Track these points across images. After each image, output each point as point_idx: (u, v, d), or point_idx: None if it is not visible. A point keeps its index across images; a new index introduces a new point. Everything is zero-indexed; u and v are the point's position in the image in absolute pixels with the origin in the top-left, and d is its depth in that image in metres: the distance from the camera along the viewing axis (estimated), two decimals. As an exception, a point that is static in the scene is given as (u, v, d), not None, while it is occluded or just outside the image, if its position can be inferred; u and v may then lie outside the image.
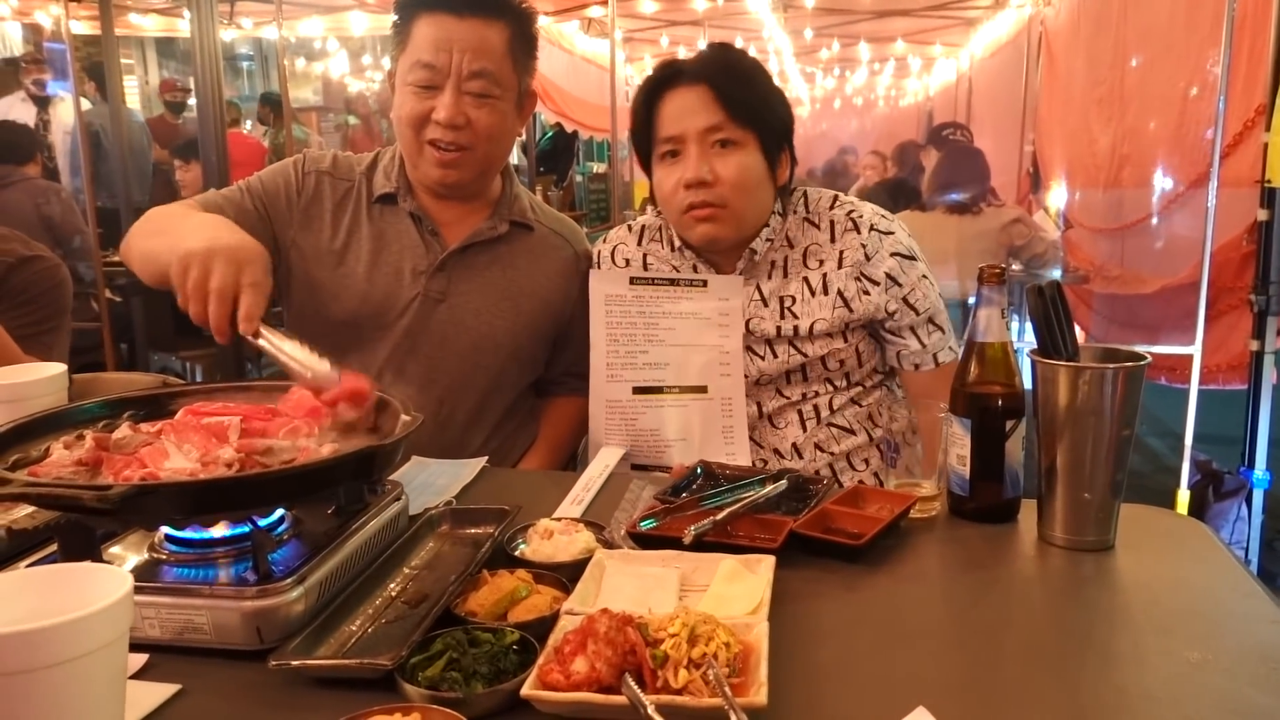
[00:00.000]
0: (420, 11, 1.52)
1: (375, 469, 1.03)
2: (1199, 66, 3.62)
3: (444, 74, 1.51)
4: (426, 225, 1.62)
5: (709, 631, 0.83)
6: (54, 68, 6.35)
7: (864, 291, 1.54)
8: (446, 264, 1.61)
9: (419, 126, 1.54)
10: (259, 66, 12.10)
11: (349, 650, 0.90)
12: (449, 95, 1.51)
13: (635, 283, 1.56)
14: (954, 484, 1.21)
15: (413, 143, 1.56)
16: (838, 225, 1.57)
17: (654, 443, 1.56)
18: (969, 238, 4.01)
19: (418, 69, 1.51)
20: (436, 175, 1.58)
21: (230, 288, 1.18)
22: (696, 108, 1.50)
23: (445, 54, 1.50)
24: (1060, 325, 1.14)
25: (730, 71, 1.52)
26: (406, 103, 1.54)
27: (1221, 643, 0.91)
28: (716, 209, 1.51)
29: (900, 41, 8.97)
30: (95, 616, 0.66)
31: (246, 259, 1.21)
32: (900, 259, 1.54)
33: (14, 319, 1.83)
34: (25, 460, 1.02)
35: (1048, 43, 5.72)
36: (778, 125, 1.54)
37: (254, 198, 1.60)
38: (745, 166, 1.51)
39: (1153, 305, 4.03)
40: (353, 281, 1.60)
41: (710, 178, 1.50)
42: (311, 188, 1.63)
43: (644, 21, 7.74)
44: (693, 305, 1.55)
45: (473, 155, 1.56)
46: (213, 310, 1.17)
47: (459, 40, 1.50)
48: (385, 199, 1.63)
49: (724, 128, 1.50)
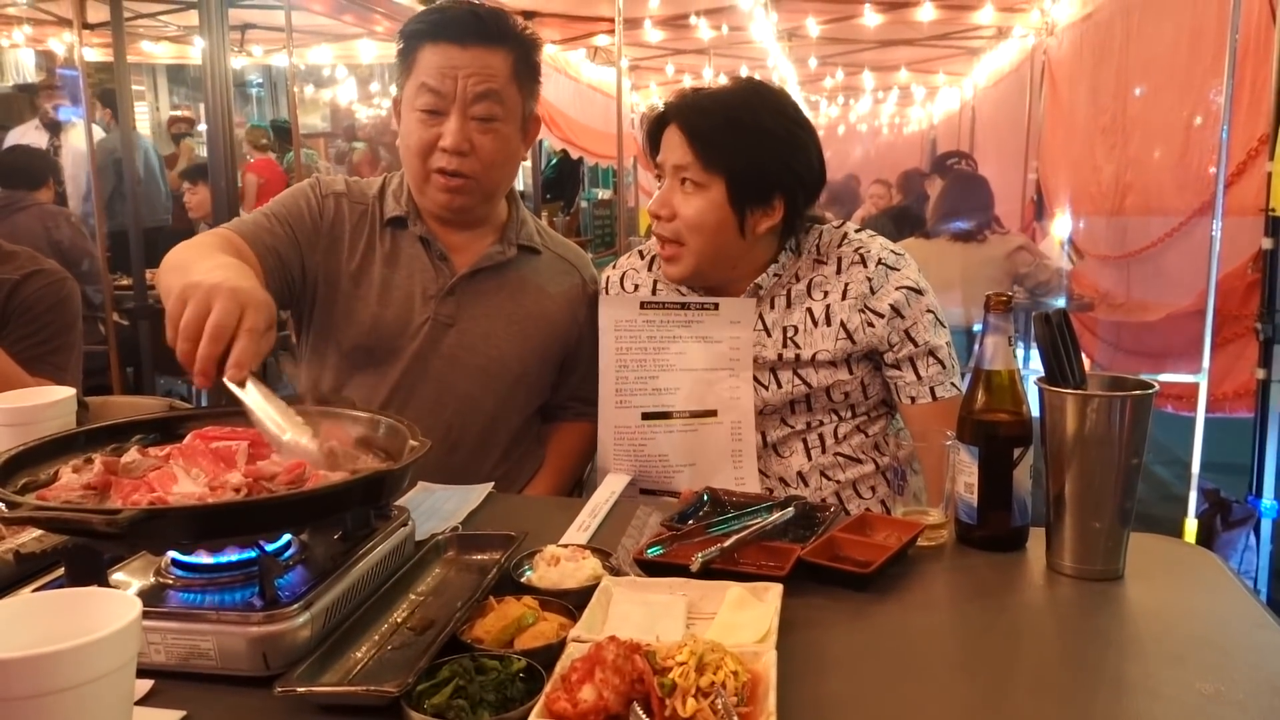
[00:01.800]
0: (425, 40, 1.54)
1: (383, 494, 1.03)
2: (1202, 96, 3.64)
3: (449, 99, 1.52)
4: (435, 250, 1.63)
5: (717, 660, 0.82)
6: (67, 94, 6.42)
7: (868, 324, 1.53)
8: (456, 288, 1.62)
9: (425, 154, 1.56)
10: (268, 93, 12.21)
11: (355, 677, 0.90)
12: (454, 121, 1.52)
13: (646, 307, 1.56)
14: (962, 512, 1.21)
15: (419, 170, 1.58)
16: (844, 259, 1.57)
17: (662, 468, 1.56)
18: (974, 265, 4.02)
19: (423, 94, 1.53)
20: (442, 200, 1.59)
21: (227, 328, 1.08)
22: (674, 144, 1.52)
23: (450, 80, 1.51)
24: (1068, 353, 1.14)
25: (710, 115, 1.50)
26: (413, 131, 1.56)
27: (1234, 674, 0.91)
28: (675, 245, 1.54)
29: (904, 70, 9.05)
30: (103, 642, 0.66)
31: (251, 303, 1.11)
32: (907, 292, 1.53)
33: (22, 337, 1.83)
34: (33, 484, 1.02)
35: (1050, 72, 5.76)
36: (754, 173, 1.49)
37: (281, 223, 1.59)
38: (704, 209, 1.50)
39: (1158, 333, 4.02)
40: (366, 305, 1.60)
41: (665, 213, 1.52)
42: (332, 210, 1.63)
43: (650, 50, 7.82)
44: (704, 329, 1.55)
45: (477, 181, 1.58)
46: (203, 348, 1.06)
47: (464, 66, 1.51)
48: (395, 222, 1.64)
49: (689, 169, 1.50)
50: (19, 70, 8.72)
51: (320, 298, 1.62)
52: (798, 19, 6.56)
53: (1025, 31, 6.35)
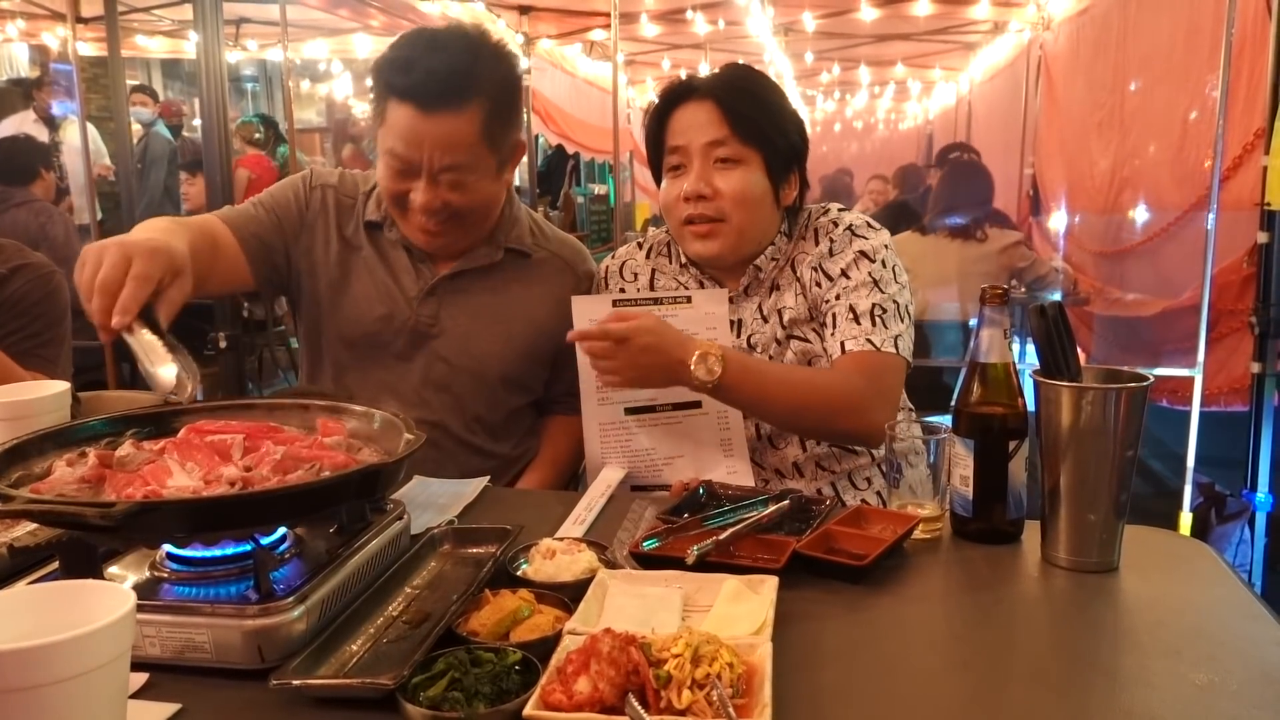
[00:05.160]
0: (392, 95, 1.48)
1: (378, 488, 1.03)
2: (1198, 90, 3.64)
3: (417, 166, 1.49)
4: (417, 253, 1.64)
5: (712, 652, 0.83)
6: (63, 89, 6.40)
7: (816, 283, 1.56)
8: (436, 289, 1.63)
9: (400, 200, 1.55)
10: (263, 88, 12.18)
11: (350, 670, 0.90)
12: (424, 183, 1.50)
13: (618, 305, 1.55)
14: (957, 505, 1.21)
15: (394, 210, 1.59)
16: (821, 230, 1.60)
17: (650, 461, 1.56)
18: (970, 260, 4.01)
19: (392, 156, 1.50)
20: (422, 241, 1.60)
21: (113, 280, 1.11)
22: (702, 122, 1.52)
23: (416, 150, 1.47)
24: (1063, 346, 1.14)
25: (739, 89, 1.53)
26: (387, 175, 1.54)
27: (1228, 665, 0.91)
28: (715, 223, 1.53)
29: (900, 65, 9.04)
30: (97, 634, 0.66)
31: (139, 252, 1.12)
32: (862, 259, 1.54)
33: (11, 331, 1.83)
34: (28, 477, 1.02)
35: (1047, 66, 5.76)
36: (785, 146, 1.55)
37: (267, 210, 1.62)
38: (746, 183, 1.52)
39: (1154, 327, 4.03)
40: (351, 300, 1.62)
41: (708, 192, 1.51)
42: (318, 201, 1.64)
43: (646, 45, 7.80)
44: (678, 322, 1.53)
45: (456, 224, 1.57)
46: (95, 303, 1.11)
47: (429, 138, 1.46)
48: (374, 226, 1.64)
49: (727, 143, 1.51)
50: (12, 64, 8.68)
51: (305, 289, 1.64)
52: (794, 14, 6.55)
53: (1021, 26, 6.35)
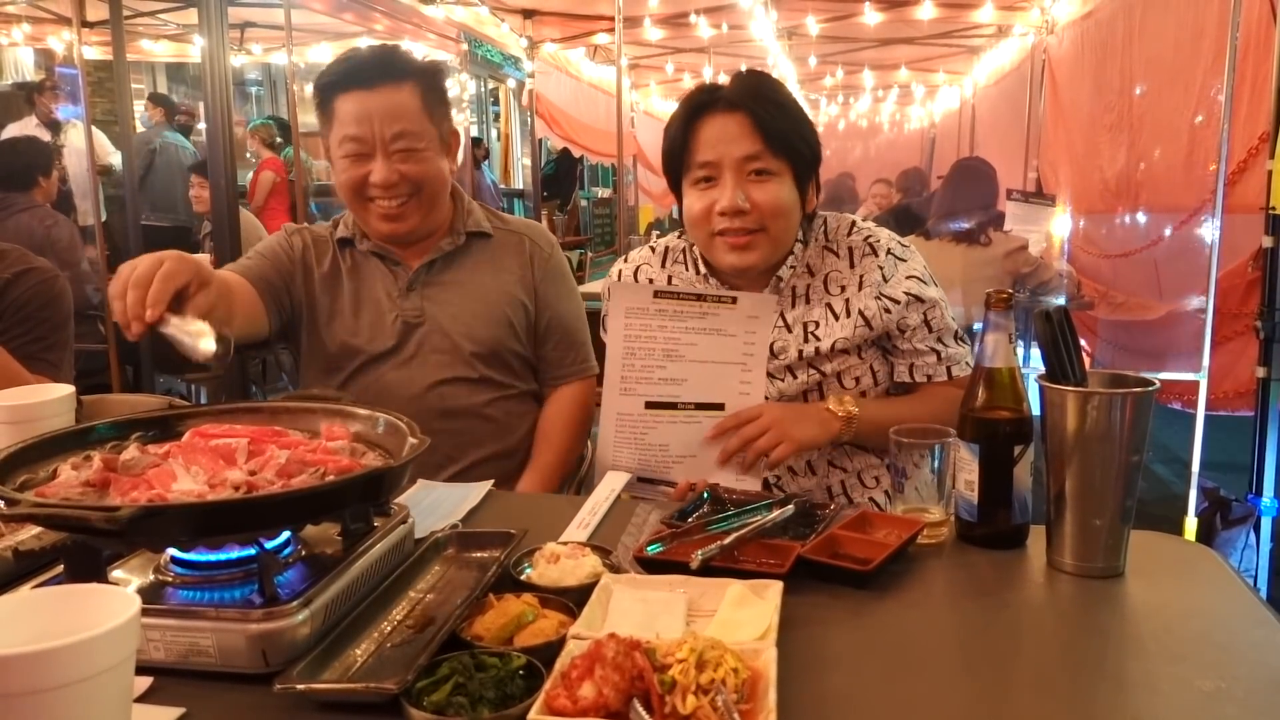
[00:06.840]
0: (339, 91, 1.67)
1: (383, 491, 1.03)
2: (1204, 95, 3.64)
3: (370, 143, 1.66)
4: (390, 258, 1.77)
5: (717, 657, 0.82)
6: (67, 93, 6.41)
7: (885, 310, 1.56)
8: (414, 284, 1.76)
9: (359, 189, 1.69)
10: (267, 91, 12.20)
11: (355, 674, 0.90)
12: (379, 161, 1.67)
13: (660, 296, 1.53)
14: (962, 510, 1.21)
15: (356, 204, 1.73)
16: (856, 251, 1.59)
17: (661, 457, 1.55)
18: (974, 264, 3.99)
19: (347, 143, 1.67)
20: (386, 229, 1.73)
21: (147, 277, 1.17)
22: (735, 135, 1.51)
23: (367, 124, 1.65)
24: (1068, 350, 1.14)
25: (768, 100, 1.52)
26: (344, 171, 1.69)
27: (1235, 671, 0.90)
28: (755, 235, 1.53)
29: (904, 69, 9.04)
30: (102, 638, 0.66)
31: (170, 257, 1.20)
32: (917, 282, 1.58)
33: (16, 335, 1.83)
34: (33, 481, 1.02)
35: (1051, 70, 5.76)
36: (810, 156, 1.56)
37: (268, 259, 1.75)
38: (780, 195, 1.52)
39: (1158, 332, 4.02)
40: (342, 318, 1.76)
41: (747, 206, 1.51)
42: (299, 243, 1.80)
43: (650, 48, 7.82)
44: (719, 322, 1.52)
45: (413, 203, 1.71)
46: (129, 297, 1.16)
47: (376, 110, 1.65)
48: (348, 243, 1.79)
49: (761, 157, 1.51)
50: (18, 68, 8.70)
51: (306, 321, 1.77)
52: (798, 17, 6.56)
53: (1025, 30, 6.35)
